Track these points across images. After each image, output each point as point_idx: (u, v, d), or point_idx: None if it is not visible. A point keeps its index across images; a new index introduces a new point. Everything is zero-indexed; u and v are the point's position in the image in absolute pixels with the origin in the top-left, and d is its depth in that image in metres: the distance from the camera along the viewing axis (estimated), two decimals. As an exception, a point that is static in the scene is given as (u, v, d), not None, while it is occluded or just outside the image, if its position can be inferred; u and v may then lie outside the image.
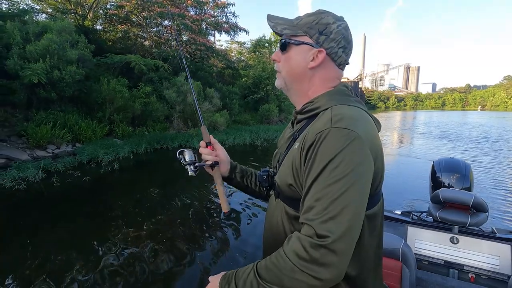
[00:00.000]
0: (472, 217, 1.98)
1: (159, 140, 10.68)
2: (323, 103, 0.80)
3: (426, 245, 2.17)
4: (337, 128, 0.68)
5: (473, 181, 2.32)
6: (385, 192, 0.83)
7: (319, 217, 0.63)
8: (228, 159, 1.13)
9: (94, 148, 8.52)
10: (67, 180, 6.09)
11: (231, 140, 11.82)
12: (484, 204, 1.98)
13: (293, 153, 0.80)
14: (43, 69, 8.61)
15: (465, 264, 2.04)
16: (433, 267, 2.10)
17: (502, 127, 25.36)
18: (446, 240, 2.11)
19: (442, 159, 2.49)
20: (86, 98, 10.60)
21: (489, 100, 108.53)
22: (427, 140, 15.72)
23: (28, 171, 6.14)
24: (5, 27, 8.88)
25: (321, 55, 0.81)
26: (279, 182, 0.87)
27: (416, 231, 2.21)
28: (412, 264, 1.61)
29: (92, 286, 2.74)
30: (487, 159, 10.08)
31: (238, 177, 1.14)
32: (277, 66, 0.89)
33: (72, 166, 7.24)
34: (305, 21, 0.82)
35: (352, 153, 0.66)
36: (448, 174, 2.35)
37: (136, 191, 5.86)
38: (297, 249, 0.64)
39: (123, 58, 11.33)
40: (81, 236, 3.78)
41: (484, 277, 1.97)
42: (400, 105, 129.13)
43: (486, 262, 1.98)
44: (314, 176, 0.67)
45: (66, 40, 9.62)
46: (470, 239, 2.05)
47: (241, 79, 22.49)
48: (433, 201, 2.18)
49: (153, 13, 14.44)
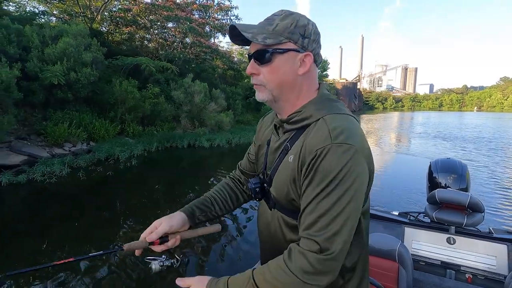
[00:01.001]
0: (468, 218, 1.99)
1: (169, 139, 11.17)
2: (312, 112, 0.79)
3: (423, 245, 2.17)
4: (338, 144, 0.69)
5: (469, 181, 2.33)
6: (382, 192, 0.98)
7: (323, 233, 0.67)
8: (183, 219, 0.95)
9: (111, 146, 8.99)
10: (91, 175, 6.60)
11: (237, 139, 12.33)
12: (480, 204, 1.98)
13: (289, 167, 0.79)
14: (61, 71, 9.08)
15: (462, 264, 2.04)
16: (430, 267, 2.11)
17: (497, 128, 25.78)
18: (442, 241, 2.11)
19: (439, 160, 2.50)
20: (98, 98, 11.07)
21: (485, 101, 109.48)
22: (425, 140, 16.22)
23: (54, 166, 6.62)
24: (24, 31, 9.33)
25: (308, 59, 0.80)
26: (276, 196, 0.86)
27: (413, 232, 2.22)
28: (408, 265, 1.61)
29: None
30: (484, 159, 10.18)
31: (203, 217, 1.01)
32: (256, 79, 0.83)
33: (92, 162, 7.73)
34: (283, 26, 0.77)
35: (352, 169, 0.68)
36: (445, 174, 2.35)
37: (153, 184, 6.43)
38: (304, 265, 0.66)
39: (134, 60, 11.81)
40: (110, 220, 4.31)
41: (481, 277, 1.97)
42: (398, 106, 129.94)
43: (483, 262, 1.99)
44: (316, 193, 0.69)
45: (82, 43, 10.08)
46: (467, 239, 2.05)
47: (243, 80, 23.02)
48: (430, 202, 2.20)
49: (161, 16, 14.92)
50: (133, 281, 2.81)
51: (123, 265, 3.06)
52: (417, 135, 19.10)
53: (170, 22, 16.41)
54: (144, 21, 16.52)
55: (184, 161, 9.69)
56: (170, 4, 14.86)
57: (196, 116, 13.22)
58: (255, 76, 0.83)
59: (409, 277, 1.60)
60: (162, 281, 2.68)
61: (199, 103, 12.65)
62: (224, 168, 8.43)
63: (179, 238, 0.92)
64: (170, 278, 2.44)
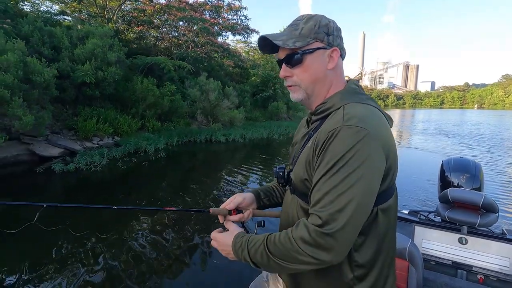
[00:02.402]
0: (481, 218, 1.95)
1: (187, 134, 11.87)
2: (336, 102, 0.84)
3: (434, 245, 2.15)
4: (348, 126, 0.72)
5: (483, 181, 2.29)
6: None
7: (326, 209, 0.69)
8: (252, 198, 1.13)
9: (138, 140, 9.70)
10: (129, 164, 7.34)
11: (250, 134, 13.03)
12: (494, 204, 1.95)
13: (307, 151, 0.84)
14: (90, 70, 9.76)
15: (473, 265, 2.00)
16: (440, 267, 2.08)
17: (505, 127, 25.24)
18: (454, 241, 2.08)
19: (452, 159, 2.45)
20: (120, 96, 11.76)
21: (487, 98, 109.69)
22: (432, 137, 16.64)
23: (94, 157, 7.34)
24: (55, 32, 10.01)
25: (335, 54, 0.86)
26: (294, 179, 0.91)
27: (423, 231, 2.20)
28: (419, 264, 1.60)
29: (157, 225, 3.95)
30: (496, 158, 9.92)
31: (266, 201, 1.17)
32: (290, 81, 0.90)
33: (123, 154, 8.44)
34: (308, 28, 0.85)
35: (361, 149, 0.69)
36: (458, 174, 2.32)
37: (186, 170, 7.33)
38: (304, 235, 0.70)
39: (153, 59, 12.47)
40: (154, 199, 5.04)
41: (494, 278, 1.93)
42: (399, 104, 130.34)
43: (496, 263, 1.95)
44: (323, 171, 0.72)
45: (107, 44, 10.76)
46: (480, 239, 2.01)
47: (250, 78, 23.64)
48: (442, 201, 2.17)
49: (175, 17, 15.56)
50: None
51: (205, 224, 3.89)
52: (419, 132, 19.68)
53: (180, 21, 17.03)
54: (157, 21, 17.15)
55: (206, 153, 10.46)
56: (183, 5, 15.50)
57: (209, 113, 13.89)
58: (288, 78, 0.90)
59: (419, 276, 1.59)
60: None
61: (213, 100, 13.31)
62: (242, 159, 9.20)
63: (251, 213, 1.09)
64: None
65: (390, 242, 0.85)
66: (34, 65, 7.65)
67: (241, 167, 7.54)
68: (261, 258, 0.77)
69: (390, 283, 0.87)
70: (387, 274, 0.85)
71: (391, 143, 0.78)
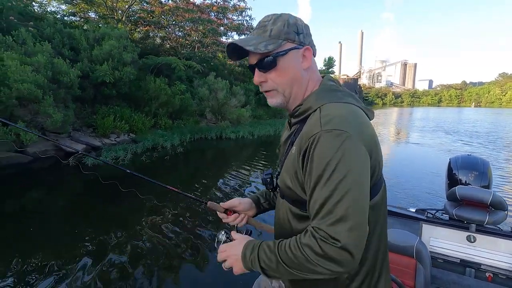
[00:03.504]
0: (490, 215, 1.93)
1: (197, 131, 12.42)
2: (312, 103, 0.82)
3: (442, 243, 2.14)
4: (327, 130, 0.71)
5: (491, 178, 2.27)
6: (398, 189, 1.26)
7: (326, 221, 0.68)
8: (250, 204, 1.15)
9: (154, 137, 10.23)
10: (151, 159, 7.90)
11: (257, 131, 13.60)
12: (503, 202, 1.93)
13: (291, 157, 0.83)
14: (108, 71, 10.27)
15: (482, 263, 2.00)
16: (448, 265, 2.08)
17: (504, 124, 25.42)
18: (462, 239, 2.07)
19: (459, 156, 2.44)
20: (133, 94, 12.27)
21: (484, 97, 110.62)
22: (430, 134, 17.16)
23: (119, 152, 7.87)
24: (74, 34, 10.49)
25: (308, 53, 0.85)
26: (281, 185, 0.91)
27: (431, 229, 2.19)
28: (426, 262, 1.60)
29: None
30: (503, 155, 9.91)
31: (266, 205, 1.19)
32: (266, 86, 0.87)
33: (143, 150, 8.97)
34: (277, 28, 0.82)
35: (346, 154, 0.68)
36: (466, 171, 2.30)
37: (206, 163, 8.08)
38: (312, 245, 0.69)
39: (164, 59, 12.99)
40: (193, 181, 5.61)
41: (503, 276, 1.92)
42: (397, 102, 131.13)
43: (505, 261, 1.94)
44: (314, 183, 0.71)
45: (122, 45, 11.25)
46: (488, 237, 2.00)
47: (252, 76, 24.11)
48: (449, 199, 2.15)
49: (183, 18, 16.08)
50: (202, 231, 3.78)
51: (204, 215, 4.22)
52: (418, 129, 20.20)
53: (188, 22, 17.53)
54: (164, 21, 17.63)
55: (219, 149, 11.06)
56: (191, 6, 16.01)
57: (217, 111, 14.43)
58: (264, 83, 0.87)
59: (427, 274, 1.59)
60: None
61: (222, 99, 13.85)
62: (253, 154, 9.82)
63: (246, 218, 1.14)
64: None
65: (380, 237, 0.85)
66: (61, 66, 8.15)
67: (252, 160, 8.14)
68: (270, 263, 0.76)
69: (384, 278, 0.88)
70: (379, 270, 0.86)
71: (373, 139, 0.78)
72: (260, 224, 1.18)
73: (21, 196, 5.03)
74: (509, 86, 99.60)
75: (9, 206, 4.55)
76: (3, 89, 6.54)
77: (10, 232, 3.75)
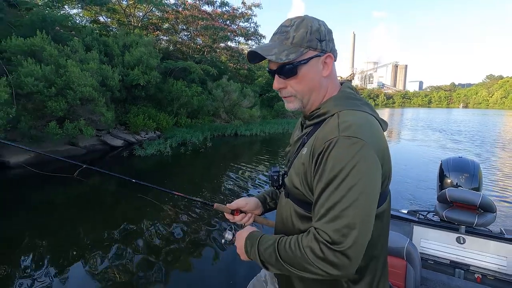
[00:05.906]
0: (479, 217, 1.96)
1: (215, 129, 13.78)
2: (330, 108, 0.83)
3: (432, 244, 2.16)
4: (345, 136, 0.72)
5: (482, 180, 2.30)
6: (391, 189, 0.88)
7: (332, 226, 0.69)
8: (257, 203, 1.18)
9: (182, 134, 11.55)
10: (187, 152, 9.22)
11: (268, 129, 15.01)
12: (492, 204, 1.96)
13: (302, 158, 0.84)
14: (139, 75, 11.53)
15: (471, 264, 2.02)
16: (438, 266, 2.10)
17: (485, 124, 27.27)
18: (452, 240, 2.09)
19: (451, 158, 2.47)
20: (156, 96, 13.53)
21: (472, 98, 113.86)
22: (420, 133, 18.65)
23: (160, 145, 9.19)
24: (108, 42, 11.71)
25: (329, 60, 0.85)
26: (288, 185, 0.92)
27: (422, 231, 2.20)
28: (417, 263, 1.61)
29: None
30: (495, 158, 9.88)
31: (273, 204, 1.22)
32: (285, 92, 0.89)
33: (177, 144, 10.31)
34: (300, 36, 0.82)
35: (360, 161, 0.69)
36: (457, 173, 2.33)
37: (237, 154, 9.50)
38: (314, 248, 0.70)
39: (183, 63, 14.28)
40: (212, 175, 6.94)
41: (491, 277, 1.95)
42: (389, 103, 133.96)
43: (493, 262, 1.97)
44: (324, 185, 0.72)
45: (149, 51, 12.52)
46: (477, 239, 2.03)
47: (256, 79, 25.57)
48: (440, 201, 2.17)
49: (197, 25, 17.40)
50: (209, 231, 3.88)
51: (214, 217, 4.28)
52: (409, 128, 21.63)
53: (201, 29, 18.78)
54: (177, 28, 18.91)
55: (239, 144, 12.47)
56: (204, 15, 17.34)
57: (230, 111, 15.79)
58: (283, 90, 0.89)
59: (417, 275, 1.60)
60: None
61: (234, 100, 15.21)
62: (267, 148, 11.22)
63: (253, 218, 1.18)
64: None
65: (382, 246, 0.87)
66: (107, 71, 9.40)
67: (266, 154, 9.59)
68: (269, 258, 0.79)
69: (382, 285, 0.90)
70: (380, 277, 0.88)
71: (386, 150, 0.79)
72: (267, 221, 1.20)
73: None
74: (496, 87, 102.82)
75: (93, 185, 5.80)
76: (69, 91, 7.77)
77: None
